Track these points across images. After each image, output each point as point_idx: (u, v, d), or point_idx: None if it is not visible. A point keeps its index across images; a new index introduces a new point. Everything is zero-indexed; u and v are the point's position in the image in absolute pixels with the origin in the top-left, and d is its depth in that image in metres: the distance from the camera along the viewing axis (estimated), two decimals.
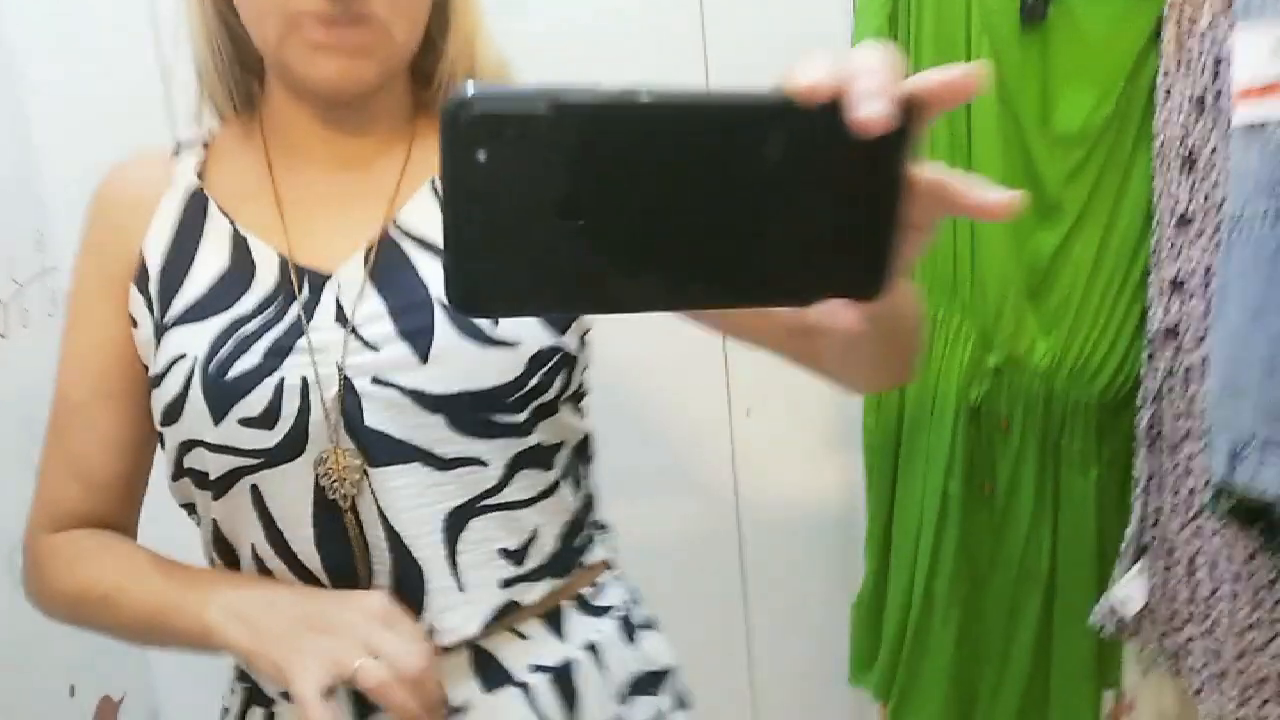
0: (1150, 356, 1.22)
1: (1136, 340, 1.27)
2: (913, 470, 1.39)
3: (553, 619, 0.81)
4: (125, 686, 1.47)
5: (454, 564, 0.75)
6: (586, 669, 0.81)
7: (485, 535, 0.76)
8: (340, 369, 0.73)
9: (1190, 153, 1.13)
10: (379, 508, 0.74)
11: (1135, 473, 1.27)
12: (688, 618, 0.96)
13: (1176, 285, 1.15)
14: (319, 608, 0.71)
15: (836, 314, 0.44)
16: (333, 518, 0.74)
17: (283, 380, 0.72)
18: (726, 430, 1.61)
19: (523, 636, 0.79)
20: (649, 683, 0.86)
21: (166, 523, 0.85)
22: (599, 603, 0.85)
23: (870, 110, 0.39)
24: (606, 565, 0.88)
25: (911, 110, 0.41)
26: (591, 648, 0.82)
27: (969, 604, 1.38)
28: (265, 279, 0.76)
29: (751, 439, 1.61)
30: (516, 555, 0.78)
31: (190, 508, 0.81)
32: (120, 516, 0.84)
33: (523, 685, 0.78)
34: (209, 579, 0.78)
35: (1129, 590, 1.28)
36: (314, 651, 0.67)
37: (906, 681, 1.40)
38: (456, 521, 0.75)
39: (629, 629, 0.86)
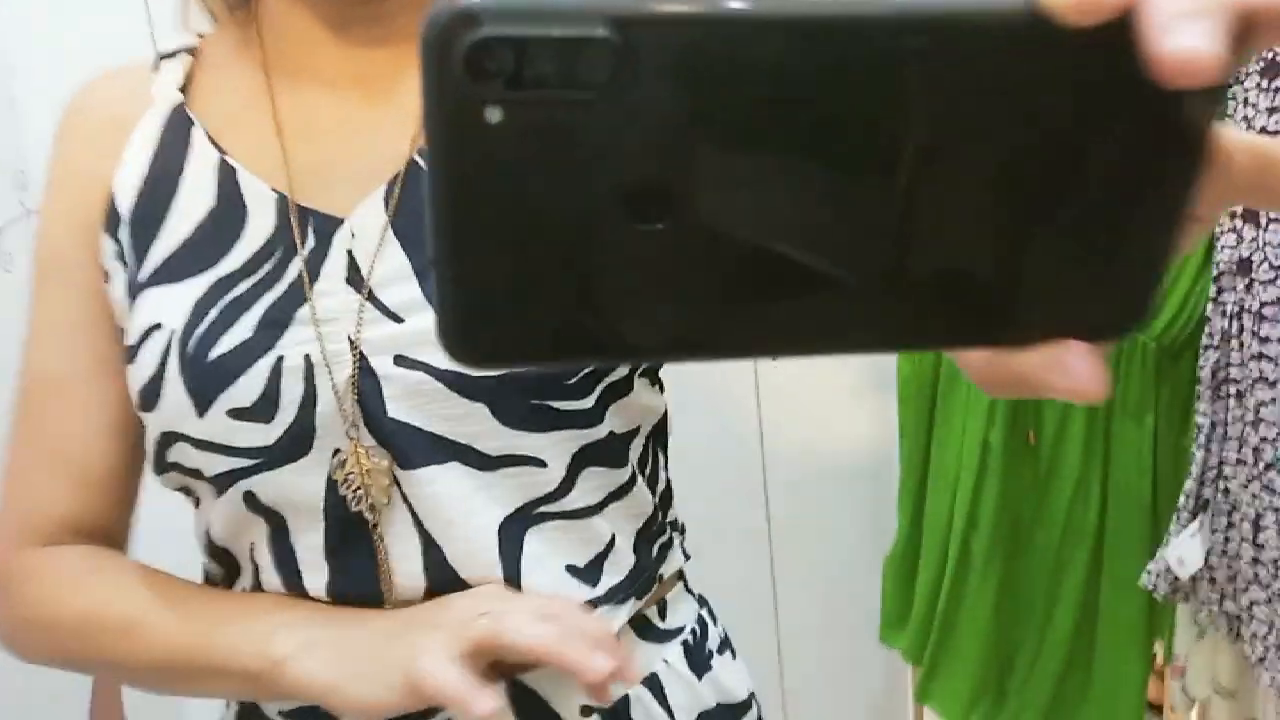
0: (1218, 292, 1.11)
1: (1202, 274, 1.15)
2: (950, 418, 1.30)
3: None
4: None
5: (517, 587, 0.62)
6: (647, 706, 0.67)
7: (547, 550, 0.62)
8: (354, 345, 0.59)
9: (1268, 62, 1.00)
10: (415, 519, 0.60)
11: (1197, 421, 1.16)
12: (711, 571, 0.84)
13: (1250, 210, 1.03)
14: (414, 613, 0.59)
15: (1065, 365, 0.28)
16: (351, 533, 0.61)
17: (280, 360, 0.58)
18: (751, 376, 1.52)
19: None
20: (722, 717, 0.72)
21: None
22: (666, 625, 0.70)
23: (1185, 42, 0.23)
24: (681, 575, 0.74)
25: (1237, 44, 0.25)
26: (654, 681, 0.68)
27: (1009, 562, 1.29)
28: (259, 225, 0.61)
29: (779, 385, 1.52)
30: (589, 573, 0.64)
31: (186, 492, 0.66)
32: (115, 523, 0.68)
33: None
34: (265, 605, 0.63)
35: (1185, 550, 1.18)
36: (426, 639, 0.56)
37: (940, 643, 1.32)
38: (512, 533, 0.62)
39: (700, 655, 0.72)
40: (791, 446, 1.55)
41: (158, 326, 0.60)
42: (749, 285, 0.26)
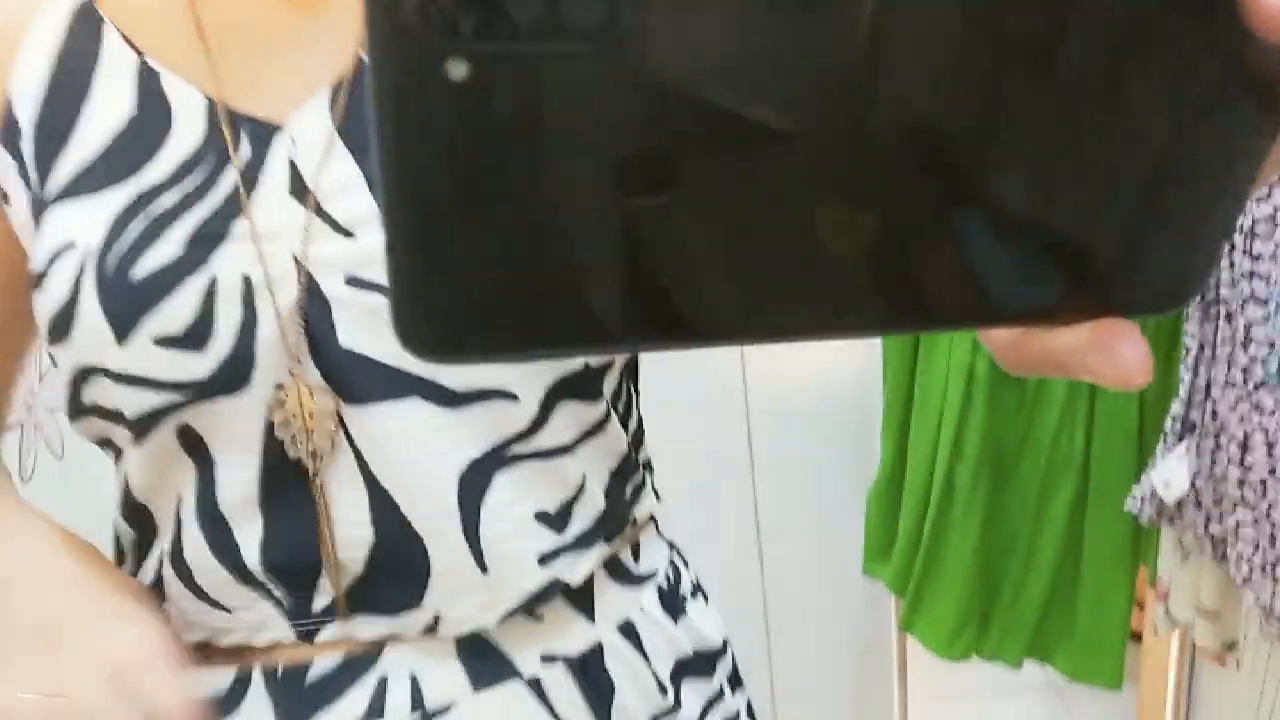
0: None
1: None
2: (935, 347, 1.28)
3: (580, 594, 0.62)
4: None
5: (474, 539, 0.57)
6: (622, 655, 0.63)
7: (517, 495, 0.57)
8: (300, 264, 0.53)
9: None
10: (362, 464, 0.55)
11: (1184, 344, 1.14)
12: (692, 506, 0.81)
13: None
14: (60, 623, 0.53)
15: (1109, 347, 0.24)
16: (288, 483, 0.55)
17: (214, 281, 0.52)
18: None
19: (536, 618, 0.61)
20: (699, 665, 0.68)
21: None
22: (640, 569, 0.67)
23: None
24: (652, 518, 0.70)
25: None
26: (629, 628, 0.64)
27: (994, 491, 1.27)
28: (186, 132, 0.55)
29: None
30: (558, 519, 0.59)
31: (104, 444, 0.60)
32: None
33: (532, 680, 0.60)
34: (12, 518, 0.58)
35: (1171, 473, 1.17)
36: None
37: (924, 572, 1.31)
38: (476, 478, 0.56)
39: (674, 600, 0.68)
40: (774, 378, 1.52)
41: (70, 246, 0.53)
42: (762, 264, 0.22)
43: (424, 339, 0.22)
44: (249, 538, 0.57)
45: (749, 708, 0.74)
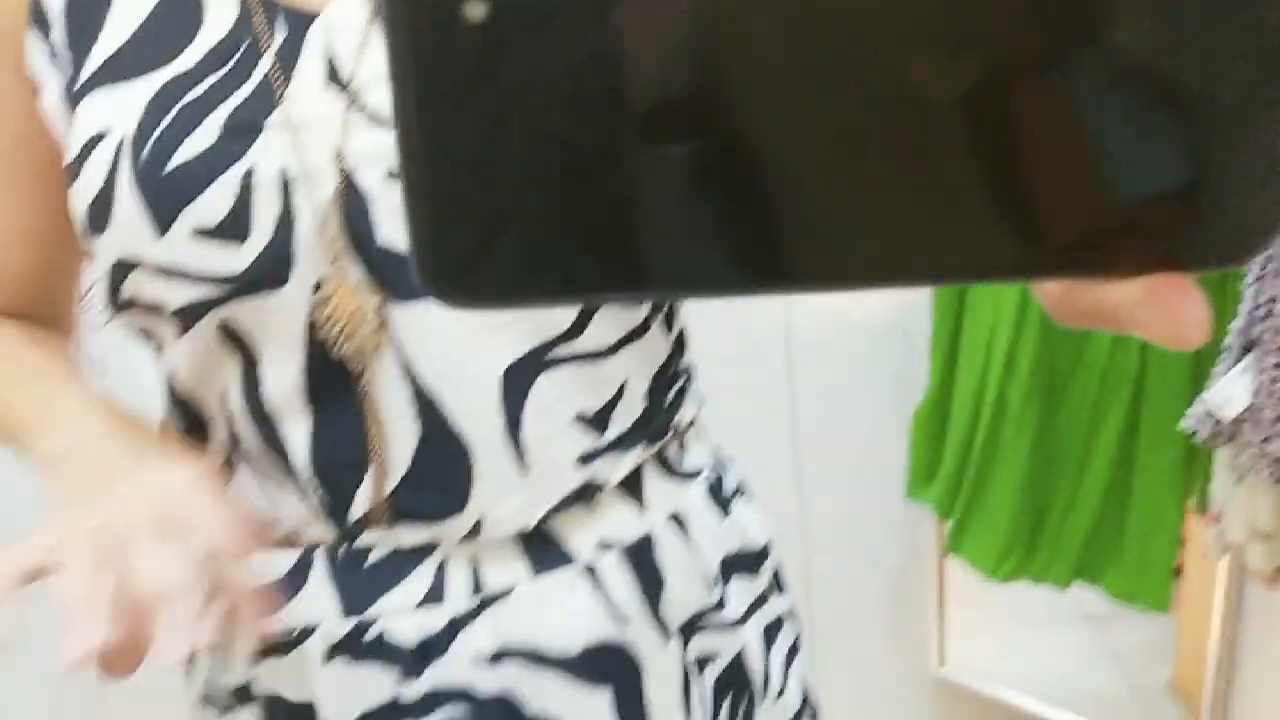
0: None
1: None
2: None
3: (630, 484, 0.63)
4: None
5: (515, 439, 0.57)
6: (670, 545, 0.64)
7: (557, 396, 0.57)
8: (338, 157, 0.52)
9: None
10: (405, 364, 0.54)
11: None
12: (729, 425, 0.80)
13: None
14: (122, 465, 0.51)
15: (1167, 304, 0.23)
16: (334, 380, 0.55)
17: (251, 172, 0.51)
18: None
19: (589, 507, 0.62)
20: (745, 563, 0.69)
21: None
22: (685, 467, 0.67)
23: None
24: (694, 423, 0.70)
25: None
26: (676, 520, 0.65)
27: (1046, 410, 1.25)
28: (219, 19, 0.53)
29: None
30: (598, 420, 0.60)
31: (146, 335, 0.60)
32: (37, 309, 0.63)
33: (588, 567, 0.61)
34: (70, 402, 0.56)
35: (1230, 390, 1.14)
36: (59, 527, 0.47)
37: (972, 495, 1.29)
38: (518, 380, 0.56)
39: (720, 498, 0.69)
40: (815, 302, 1.50)
41: (104, 134, 0.52)
42: (797, 214, 0.21)
43: (445, 284, 0.22)
44: (296, 433, 0.56)
45: (791, 612, 0.74)
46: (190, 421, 0.60)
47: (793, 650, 0.73)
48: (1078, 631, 1.71)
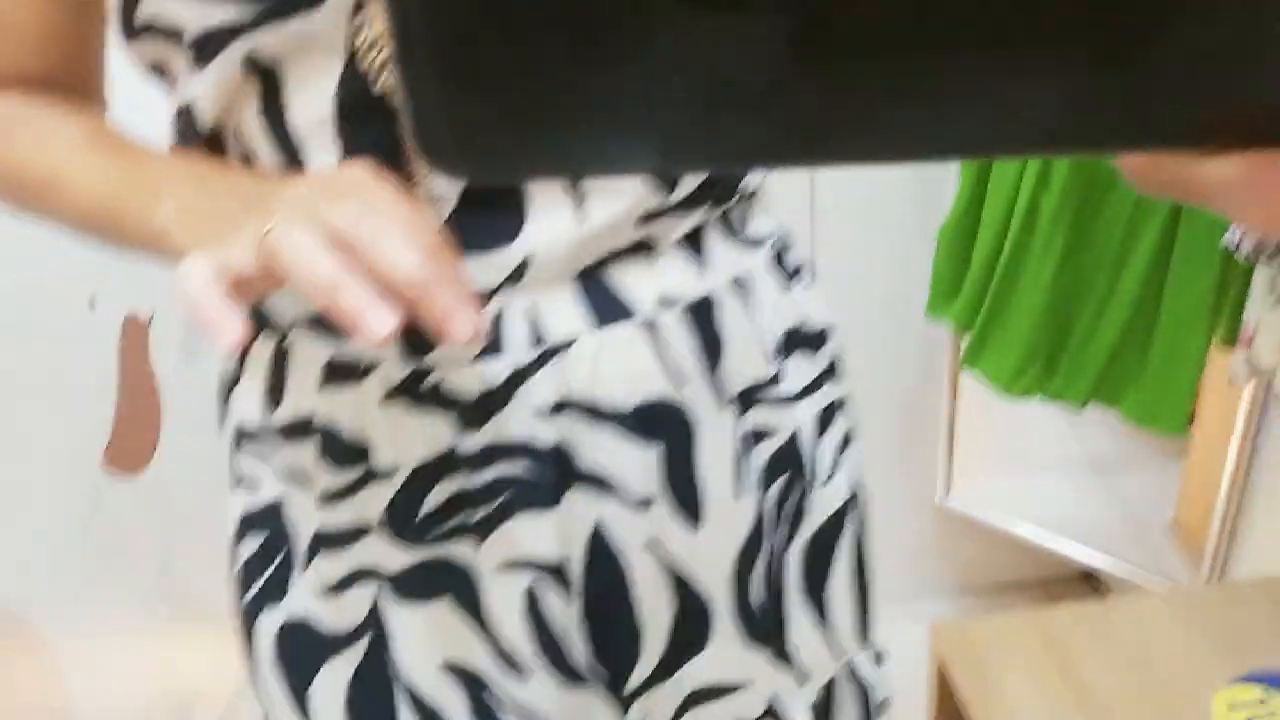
0: None
1: None
2: None
3: (692, 242, 0.60)
4: (153, 304, 1.38)
5: (576, 189, 0.54)
6: (732, 309, 0.61)
7: None
8: None
9: None
10: None
11: None
12: None
13: None
14: (275, 187, 0.46)
15: (1262, 188, 0.21)
16: (370, 120, 0.50)
17: None
18: None
19: (650, 259, 0.59)
20: (805, 341, 0.67)
21: None
22: (749, 233, 0.64)
23: None
24: (758, 193, 0.68)
25: None
26: (739, 284, 0.62)
27: (1078, 224, 1.20)
28: None
29: None
30: (663, 178, 0.57)
31: (158, 71, 0.55)
32: (71, 79, 0.59)
33: (648, 323, 0.58)
34: (164, 167, 0.53)
35: None
36: (232, 226, 0.43)
37: (994, 307, 1.26)
38: None
39: (783, 270, 0.66)
40: None
41: None
42: (840, 82, 0.19)
43: (446, 156, 0.20)
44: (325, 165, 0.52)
45: (846, 403, 0.72)
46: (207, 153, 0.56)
47: (845, 440, 0.72)
48: (1084, 474, 1.71)
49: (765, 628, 0.68)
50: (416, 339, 0.56)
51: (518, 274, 0.55)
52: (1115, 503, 1.64)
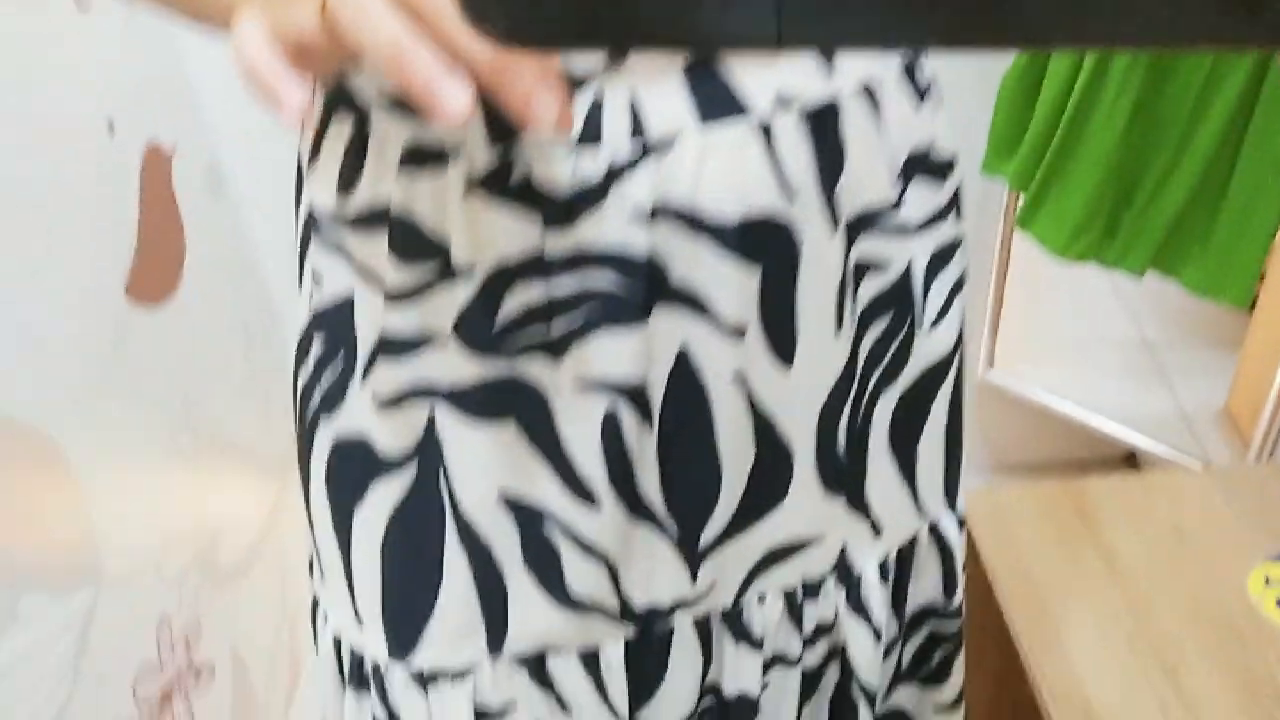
0: None
1: None
2: None
3: None
4: (175, 136, 1.34)
5: None
6: (858, 119, 0.56)
7: None
8: None
9: None
10: None
11: None
12: None
13: None
14: None
15: None
16: None
17: None
18: None
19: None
20: (931, 167, 0.61)
21: None
22: None
23: None
24: None
25: None
26: (868, 92, 0.56)
27: (1152, 78, 1.11)
28: None
29: None
30: None
31: None
32: None
33: (763, 125, 0.53)
34: None
35: None
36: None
37: (1055, 163, 1.18)
38: None
39: (916, 84, 0.60)
40: None
41: None
42: None
43: (495, 21, 0.21)
44: None
45: (963, 243, 0.65)
46: None
47: (958, 285, 0.66)
48: (1134, 357, 1.64)
49: (844, 476, 0.64)
50: (502, 125, 0.51)
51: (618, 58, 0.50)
52: (1164, 388, 1.58)
